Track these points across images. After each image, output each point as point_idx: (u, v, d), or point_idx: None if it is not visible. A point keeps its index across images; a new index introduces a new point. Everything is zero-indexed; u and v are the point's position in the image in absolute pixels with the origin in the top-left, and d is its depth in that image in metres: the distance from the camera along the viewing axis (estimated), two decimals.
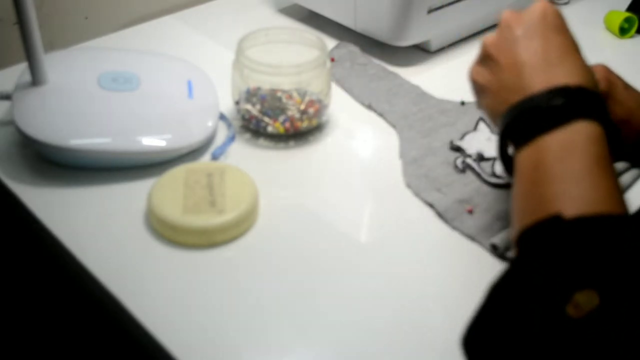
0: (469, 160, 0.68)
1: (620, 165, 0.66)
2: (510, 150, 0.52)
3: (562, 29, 0.53)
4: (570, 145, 0.47)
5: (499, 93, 0.53)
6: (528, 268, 0.43)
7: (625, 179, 0.66)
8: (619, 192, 0.46)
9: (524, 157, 0.49)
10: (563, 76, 0.50)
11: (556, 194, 0.45)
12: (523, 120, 0.50)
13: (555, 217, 0.43)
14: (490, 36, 0.55)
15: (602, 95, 0.60)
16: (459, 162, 0.68)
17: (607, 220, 0.43)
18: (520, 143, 0.50)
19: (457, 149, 0.70)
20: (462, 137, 0.71)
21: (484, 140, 0.71)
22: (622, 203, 0.45)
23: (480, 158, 0.68)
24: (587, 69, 0.52)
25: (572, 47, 0.53)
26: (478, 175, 0.67)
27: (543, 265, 0.42)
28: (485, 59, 0.55)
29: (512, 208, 0.49)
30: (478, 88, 0.57)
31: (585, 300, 0.39)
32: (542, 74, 0.50)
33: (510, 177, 0.52)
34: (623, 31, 0.94)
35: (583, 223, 0.43)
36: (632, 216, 0.46)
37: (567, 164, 0.46)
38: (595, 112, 0.48)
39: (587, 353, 0.38)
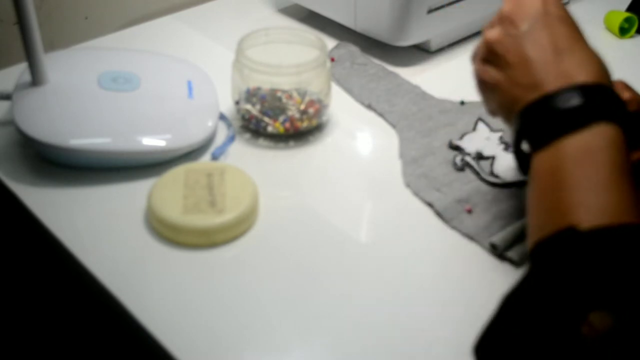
0: (468, 159, 0.68)
1: None
2: (525, 146, 0.51)
3: (565, 17, 0.52)
4: (589, 151, 0.45)
5: (510, 91, 0.52)
6: (542, 282, 0.42)
7: None
8: (638, 200, 0.44)
9: (541, 160, 0.48)
10: (576, 68, 0.49)
11: (574, 202, 0.44)
12: (540, 123, 0.48)
13: (570, 229, 0.42)
14: (492, 32, 0.54)
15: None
16: (457, 160, 0.68)
17: (624, 231, 0.42)
18: (537, 145, 0.48)
19: (456, 148, 0.70)
20: (461, 137, 0.71)
21: (483, 140, 0.71)
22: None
23: (480, 157, 0.68)
24: (598, 59, 0.50)
25: (579, 35, 0.52)
26: (477, 173, 0.67)
27: (558, 281, 0.41)
28: (491, 56, 0.54)
29: (528, 211, 0.48)
30: (485, 87, 0.55)
31: (599, 320, 0.38)
32: (554, 67, 0.49)
33: (524, 175, 0.51)
34: (623, 31, 0.94)
35: (599, 234, 0.42)
36: None
37: (586, 171, 0.45)
38: (614, 114, 0.47)
39: None
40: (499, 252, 0.59)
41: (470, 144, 0.70)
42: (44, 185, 0.65)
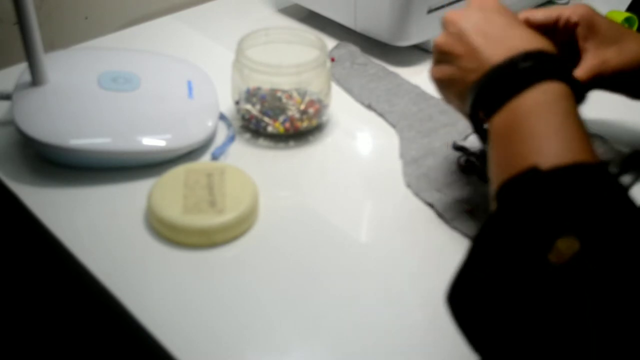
0: (472, 159, 0.68)
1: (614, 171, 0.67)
2: (486, 125, 0.53)
3: (502, 10, 0.56)
4: (540, 103, 0.48)
5: (463, 79, 0.55)
6: (508, 220, 0.43)
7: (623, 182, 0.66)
8: (590, 143, 0.46)
9: (497, 121, 0.50)
10: (520, 43, 0.52)
11: (532, 149, 0.46)
12: (492, 89, 0.51)
13: (532, 169, 0.44)
14: (438, 37, 0.57)
15: (578, 25, 0.63)
16: (462, 160, 0.68)
17: (584, 168, 0.44)
18: (492, 111, 0.51)
19: (461, 149, 0.69)
20: (466, 137, 0.71)
21: None
22: (595, 154, 0.46)
23: (485, 157, 0.68)
24: (541, 36, 0.53)
25: (519, 22, 0.55)
26: (481, 174, 0.66)
27: (523, 216, 0.42)
28: (441, 57, 0.57)
29: (489, 169, 0.50)
30: (442, 84, 0.58)
31: (566, 246, 0.40)
32: (499, 46, 0.52)
33: (486, 145, 0.53)
34: None
35: (560, 172, 0.43)
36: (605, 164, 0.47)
37: (540, 119, 0.47)
38: (560, 72, 0.49)
39: (570, 298, 0.38)
40: None
41: (475, 144, 0.70)
42: (44, 185, 0.65)
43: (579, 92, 0.50)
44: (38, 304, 0.79)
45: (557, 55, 0.51)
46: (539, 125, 0.47)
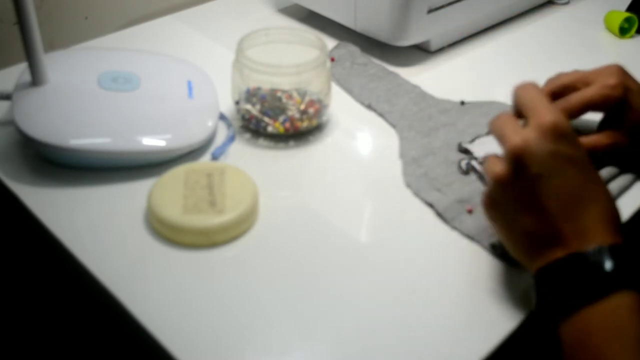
0: (474, 163, 0.68)
1: (612, 171, 0.66)
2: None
3: (576, 157, 0.49)
4: (615, 325, 0.45)
5: (519, 238, 0.50)
6: None
7: (616, 185, 0.66)
8: None
9: (568, 332, 0.47)
10: (595, 224, 0.47)
11: None
12: (565, 287, 0.47)
13: None
14: (499, 167, 0.50)
15: (617, 101, 0.59)
16: (463, 164, 0.68)
17: None
18: (562, 313, 0.47)
19: (465, 151, 0.69)
20: (473, 140, 0.71)
21: (495, 145, 0.70)
22: None
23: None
24: (612, 206, 0.49)
25: (593, 175, 0.50)
26: (481, 178, 0.66)
27: None
28: (499, 196, 0.51)
29: None
30: (493, 220, 0.53)
31: None
32: (573, 223, 0.47)
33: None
34: (623, 31, 0.94)
35: None
36: None
37: (613, 347, 0.44)
38: (636, 280, 0.46)
39: None
40: (499, 252, 0.59)
41: (481, 147, 0.69)
42: (44, 185, 0.65)
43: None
44: (38, 304, 0.79)
45: (631, 251, 0.47)
46: (613, 353, 0.44)
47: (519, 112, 0.53)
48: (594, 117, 0.65)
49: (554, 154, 0.48)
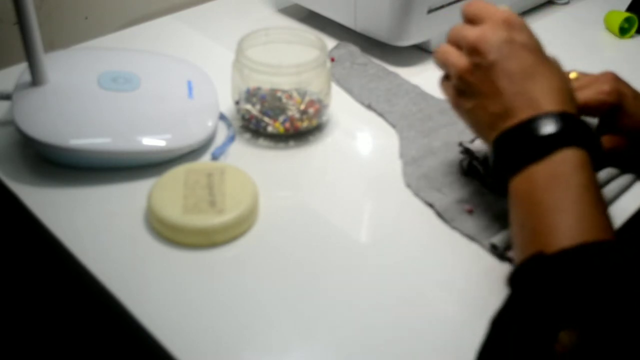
0: (475, 163, 0.67)
1: (611, 172, 0.66)
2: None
3: (529, 43, 0.54)
4: (556, 176, 0.49)
5: (483, 117, 0.55)
6: (517, 309, 0.45)
7: (616, 185, 0.66)
8: (606, 217, 0.48)
9: (516, 186, 0.52)
10: (544, 96, 0.52)
11: (545, 226, 0.48)
12: (513, 151, 0.52)
13: (537, 255, 0.46)
14: (461, 61, 0.56)
15: (612, 107, 0.62)
16: (464, 164, 0.68)
17: (589, 250, 0.45)
18: (511, 171, 0.52)
19: (466, 151, 0.69)
20: (473, 140, 0.71)
21: None
22: (609, 229, 0.47)
23: (487, 161, 0.68)
24: (562, 84, 0.53)
25: (544, 59, 0.54)
26: (482, 178, 0.66)
27: (529, 306, 0.44)
28: (463, 85, 0.57)
29: (511, 230, 0.52)
30: (464, 115, 0.59)
31: (566, 337, 0.41)
32: (523, 97, 0.52)
33: (503, 195, 0.54)
34: (623, 31, 0.94)
35: (565, 257, 0.45)
36: (615, 241, 0.47)
37: (555, 195, 0.48)
38: (579, 139, 0.50)
39: None
40: (499, 252, 0.59)
41: (482, 147, 0.69)
42: (44, 185, 0.65)
43: (599, 159, 0.50)
44: (38, 304, 0.79)
45: (578, 117, 0.51)
46: (554, 200, 0.48)
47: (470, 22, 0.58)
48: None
49: (508, 41, 0.54)
